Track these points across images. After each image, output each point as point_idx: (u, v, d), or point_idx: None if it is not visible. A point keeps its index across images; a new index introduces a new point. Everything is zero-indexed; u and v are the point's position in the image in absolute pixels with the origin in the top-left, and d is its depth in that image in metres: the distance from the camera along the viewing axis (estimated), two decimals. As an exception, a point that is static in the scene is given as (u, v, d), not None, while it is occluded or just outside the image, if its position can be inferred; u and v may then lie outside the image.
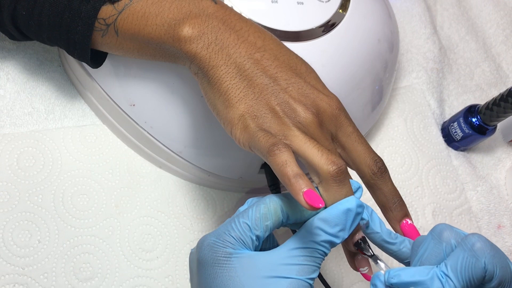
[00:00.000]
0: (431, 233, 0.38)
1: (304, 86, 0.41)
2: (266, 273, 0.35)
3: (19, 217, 0.51)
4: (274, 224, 0.37)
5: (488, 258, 0.35)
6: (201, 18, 0.41)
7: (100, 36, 0.45)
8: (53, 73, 0.58)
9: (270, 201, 0.37)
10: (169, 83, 0.49)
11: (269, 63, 0.41)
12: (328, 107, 0.41)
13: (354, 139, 0.41)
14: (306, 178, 0.35)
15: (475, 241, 0.35)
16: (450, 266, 0.35)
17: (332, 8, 0.51)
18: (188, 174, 0.56)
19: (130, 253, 0.52)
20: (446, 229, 0.37)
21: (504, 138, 0.70)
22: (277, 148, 0.36)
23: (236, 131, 0.39)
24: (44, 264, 0.50)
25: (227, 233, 0.36)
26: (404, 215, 0.41)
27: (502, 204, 0.66)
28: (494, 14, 0.79)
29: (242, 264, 0.35)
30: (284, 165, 0.35)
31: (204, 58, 0.40)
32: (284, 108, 0.39)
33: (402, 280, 0.35)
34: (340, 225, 0.36)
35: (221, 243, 0.36)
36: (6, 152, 0.53)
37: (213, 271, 0.36)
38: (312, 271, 0.36)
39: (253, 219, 0.37)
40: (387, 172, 0.41)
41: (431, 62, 0.71)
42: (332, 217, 0.36)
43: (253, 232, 0.36)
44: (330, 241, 0.36)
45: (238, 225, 0.36)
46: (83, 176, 0.54)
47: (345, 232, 0.36)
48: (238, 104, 0.39)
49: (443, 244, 0.36)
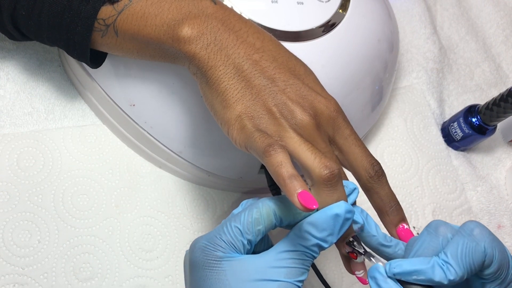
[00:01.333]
0: (426, 229, 0.38)
1: (302, 88, 0.41)
2: (255, 276, 0.35)
3: (19, 217, 0.51)
4: (266, 228, 0.37)
5: (487, 242, 0.35)
6: (201, 19, 0.41)
7: (99, 36, 0.45)
8: (53, 73, 0.58)
9: (263, 206, 0.37)
10: (169, 83, 0.49)
11: (268, 64, 0.41)
12: (325, 109, 0.40)
13: (352, 142, 0.41)
14: (301, 179, 0.35)
15: (474, 226, 0.36)
16: (450, 253, 0.35)
17: (332, 8, 0.51)
18: (188, 174, 0.56)
19: (130, 253, 0.52)
20: (442, 224, 0.37)
21: (504, 138, 0.70)
22: (272, 148, 0.36)
23: (233, 131, 0.39)
24: (44, 264, 0.50)
25: (218, 237, 0.36)
26: (401, 219, 0.41)
27: (502, 204, 0.66)
28: (494, 14, 0.79)
29: (232, 268, 0.36)
30: (279, 165, 0.35)
31: (202, 58, 0.40)
32: (281, 109, 0.39)
33: (404, 269, 0.35)
34: (328, 230, 0.36)
35: (212, 246, 0.36)
36: (6, 152, 0.53)
37: (203, 273, 0.36)
38: (300, 273, 0.36)
39: (245, 223, 0.36)
40: (384, 176, 0.41)
41: (431, 62, 0.71)
42: (321, 222, 0.36)
43: (245, 237, 0.36)
44: (318, 245, 0.36)
45: (230, 229, 0.37)
46: (83, 176, 0.54)
47: (333, 237, 0.36)
48: (236, 104, 0.39)
49: (440, 237, 0.37)
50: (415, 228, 0.61)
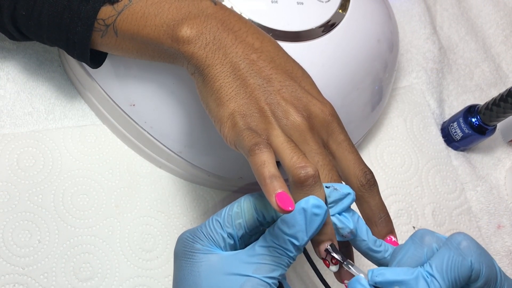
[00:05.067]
0: (411, 238, 0.37)
1: (298, 90, 0.41)
2: (225, 270, 0.35)
3: (19, 217, 0.51)
4: (248, 223, 0.37)
5: (474, 257, 0.34)
6: (200, 19, 0.41)
7: (99, 36, 0.45)
8: (53, 73, 0.58)
9: (244, 200, 0.37)
10: (169, 83, 0.49)
11: (265, 64, 0.41)
12: (320, 113, 0.40)
13: (345, 148, 0.40)
14: (282, 180, 0.34)
15: (461, 239, 0.35)
16: (435, 266, 0.34)
17: (332, 8, 0.51)
18: (188, 174, 0.56)
19: (130, 253, 0.52)
20: (427, 234, 0.36)
21: (504, 138, 0.70)
22: (258, 148, 0.35)
23: (225, 129, 0.39)
24: (44, 264, 0.50)
25: (199, 229, 0.37)
26: (389, 231, 0.40)
27: (501, 204, 0.66)
28: (494, 14, 0.79)
29: (206, 261, 0.36)
30: (262, 165, 0.35)
31: (200, 57, 0.40)
32: (274, 109, 0.39)
33: (386, 279, 0.34)
34: (296, 225, 0.35)
35: (191, 238, 0.37)
36: (6, 152, 0.53)
37: (180, 264, 0.37)
38: (270, 270, 0.35)
39: (225, 217, 0.37)
40: (376, 185, 0.40)
41: (431, 62, 0.71)
42: (289, 218, 0.35)
43: (224, 230, 0.37)
44: (291, 242, 0.35)
45: (210, 222, 0.37)
46: (83, 176, 0.54)
47: (303, 234, 0.35)
48: (229, 102, 0.39)
49: (425, 248, 0.36)
50: (414, 228, 0.61)
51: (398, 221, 0.61)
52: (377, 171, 0.63)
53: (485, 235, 0.63)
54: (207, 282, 0.35)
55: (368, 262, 0.40)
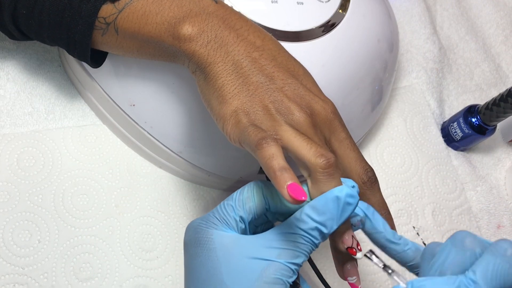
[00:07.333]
0: (451, 241, 0.35)
1: (300, 88, 0.41)
2: (246, 253, 0.35)
3: (19, 217, 0.51)
4: (257, 207, 0.37)
5: None
6: (201, 17, 0.41)
7: (100, 35, 0.45)
8: (53, 73, 0.58)
9: (254, 185, 0.38)
10: (169, 83, 0.49)
11: (267, 62, 0.41)
12: (322, 110, 0.40)
13: (347, 146, 0.41)
14: (292, 172, 0.34)
15: (508, 246, 0.33)
16: (479, 273, 0.32)
17: (332, 8, 0.51)
18: (188, 174, 0.56)
19: (130, 253, 0.52)
20: (468, 236, 0.34)
21: (504, 138, 0.70)
22: (265, 141, 0.35)
23: (228, 126, 0.39)
24: (44, 264, 0.50)
25: (211, 215, 0.37)
26: (391, 228, 0.40)
27: (502, 204, 0.66)
28: (494, 14, 0.79)
29: (223, 244, 0.36)
30: (271, 158, 0.35)
31: (202, 55, 0.40)
32: (278, 106, 0.39)
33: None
34: (328, 213, 0.35)
35: (204, 224, 0.37)
36: (6, 152, 0.53)
37: (194, 251, 0.36)
38: (295, 256, 0.35)
39: (236, 200, 0.37)
40: (377, 183, 0.41)
41: (431, 62, 0.71)
42: (321, 205, 0.35)
43: (236, 213, 0.37)
44: (318, 229, 0.35)
45: (222, 206, 0.37)
46: (83, 176, 0.54)
47: (333, 222, 0.35)
48: (232, 100, 0.39)
49: (467, 252, 0.34)
50: (414, 228, 0.61)
51: (398, 221, 0.61)
52: (377, 171, 0.63)
53: (485, 235, 0.63)
54: (226, 267, 0.35)
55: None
